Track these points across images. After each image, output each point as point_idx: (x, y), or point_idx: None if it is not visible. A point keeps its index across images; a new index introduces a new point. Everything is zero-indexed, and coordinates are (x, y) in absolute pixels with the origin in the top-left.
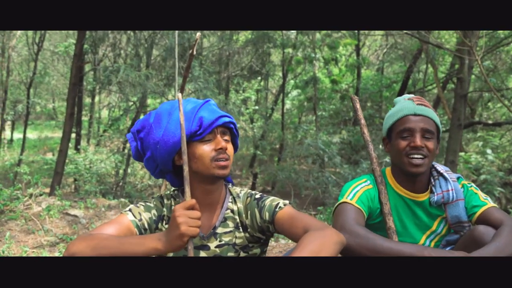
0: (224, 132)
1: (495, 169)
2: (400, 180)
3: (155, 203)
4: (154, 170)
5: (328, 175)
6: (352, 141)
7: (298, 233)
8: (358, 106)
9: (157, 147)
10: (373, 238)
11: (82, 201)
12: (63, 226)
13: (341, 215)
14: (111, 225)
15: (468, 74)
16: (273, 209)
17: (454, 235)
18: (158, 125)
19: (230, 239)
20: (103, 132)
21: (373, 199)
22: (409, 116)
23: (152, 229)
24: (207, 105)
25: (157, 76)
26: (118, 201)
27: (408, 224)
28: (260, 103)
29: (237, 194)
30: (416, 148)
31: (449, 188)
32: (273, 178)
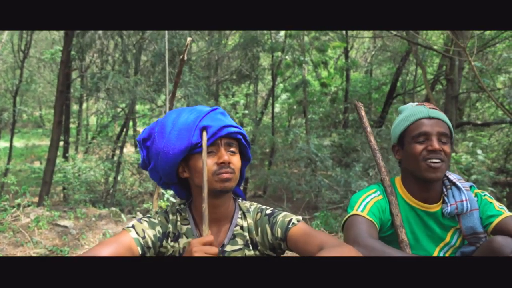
0: (230, 144)
1: (485, 169)
2: (411, 190)
3: (160, 218)
4: (158, 181)
5: (321, 178)
6: (343, 143)
7: (313, 251)
8: (363, 113)
9: (159, 158)
10: (389, 253)
11: (72, 211)
12: (52, 238)
13: (353, 228)
14: (111, 245)
15: (459, 75)
16: (285, 225)
17: (469, 246)
18: (161, 134)
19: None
20: (92, 140)
21: (384, 210)
22: (423, 119)
23: (156, 247)
24: (212, 114)
25: (146, 82)
26: (109, 210)
27: (421, 236)
28: (250, 107)
29: (247, 209)
30: (434, 152)
31: (463, 199)
32: (265, 183)
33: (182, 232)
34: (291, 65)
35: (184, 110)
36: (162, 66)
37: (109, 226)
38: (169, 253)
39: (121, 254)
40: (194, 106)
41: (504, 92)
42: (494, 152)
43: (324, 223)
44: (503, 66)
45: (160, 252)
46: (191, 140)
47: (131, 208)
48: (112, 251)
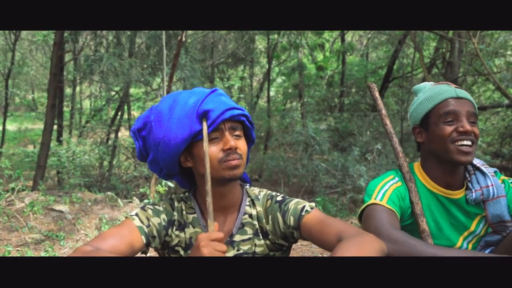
0: (234, 128)
1: (480, 153)
2: (433, 175)
3: (165, 206)
4: (159, 173)
5: (318, 162)
6: (339, 127)
7: (331, 241)
8: (377, 95)
9: (159, 149)
10: (415, 245)
11: (67, 195)
12: (48, 223)
13: (373, 218)
14: (115, 235)
15: (458, 58)
16: (298, 213)
17: (494, 235)
18: (158, 123)
19: (249, 247)
20: (86, 123)
21: (404, 198)
22: (451, 99)
23: (161, 236)
24: (212, 97)
25: (141, 65)
26: (104, 194)
27: (443, 225)
28: (245, 91)
29: (256, 196)
30: (465, 133)
31: (488, 184)
32: (261, 167)
33: (188, 221)
34: (287, 48)
35: (181, 94)
36: (157, 49)
37: (105, 211)
38: (174, 242)
39: (125, 244)
40: (192, 89)
41: (501, 75)
42: (490, 136)
43: (322, 207)
44: (499, 50)
45: (165, 241)
46: (193, 127)
47: (126, 192)
48: (116, 241)
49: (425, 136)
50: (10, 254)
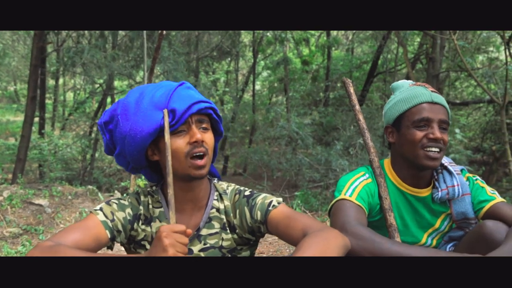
0: (201, 121)
1: (462, 147)
2: (401, 174)
3: (131, 200)
4: (127, 167)
5: (301, 157)
6: (324, 122)
7: (296, 235)
8: (352, 91)
9: (125, 142)
10: (379, 242)
11: (47, 189)
12: (26, 216)
13: (341, 214)
14: (78, 229)
15: (440, 54)
16: (265, 207)
17: (458, 231)
18: (125, 117)
19: (216, 241)
20: (69, 116)
21: (373, 194)
22: (425, 104)
23: (127, 230)
24: (180, 90)
25: (124, 57)
26: (85, 188)
27: (409, 221)
28: (230, 85)
29: (224, 191)
30: (435, 141)
31: (454, 184)
32: (245, 161)
33: (155, 215)
34: (272, 42)
35: (148, 88)
36: (140, 41)
37: (85, 205)
38: (140, 237)
39: (89, 239)
40: (159, 82)
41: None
42: (472, 131)
43: (304, 201)
44: (482, 46)
45: (131, 236)
46: (159, 121)
47: (109, 186)
48: (79, 236)
49: (396, 137)
50: None
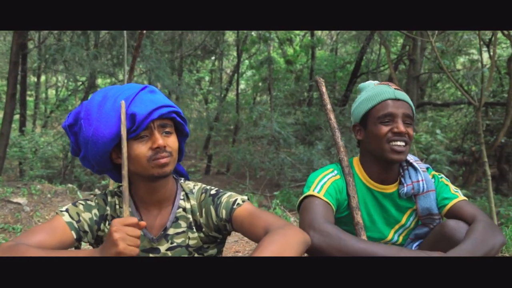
0: (164, 125)
1: (443, 148)
2: (369, 171)
3: (97, 201)
4: (92, 169)
5: (284, 156)
6: (307, 122)
7: (259, 233)
8: (324, 90)
9: (88, 147)
10: (345, 239)
11: (26, 187)
12: (4, 215)
13: (309, 211)
14: (42, 230)
15: (421, 55)
16: (230, 206)
17: (423, 228)
18: (87, 121)
19: (183, 240)
20: (50, 113)
21: (341, 191)
22: (389, 100)
23: (93, 231)
24: (142, 95)
25: (106, 55)
26: (65, 186)
27: (376, 218)
28: (214, 84)
29: (190, 190)
30: (399, 134)
31: (419, 179)
32: (228, 160)
33: (122, 216)
34: (256, 41)
35: (111, 91)
36: (123, 39)
37: (64, 203)
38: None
39: (53, 239)
40: (123, 85)
41: (464, 73)
42: (453, 132)
43: (286, 200)
44: (463, 48)
45: (98, 236)
46: (119, 126)
47: (91, 184)
48: (44, 236)
49: (363, 134)
50: None
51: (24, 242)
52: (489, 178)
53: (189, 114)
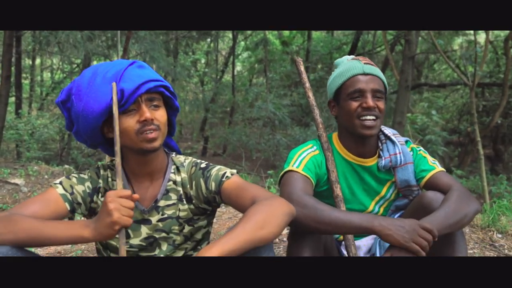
0: (151, 99)
1: (439, 129)
2: (347, 145)
3: (90, 174)
4: (86, 143)
5: (279, 137)
6: (302, 103)
7: (246, 204)
8: (302, 69)
9: (79, 122)
10: (321, 209)
11: (23, 168)
12: (2, 195)
13: (288, 185)
14: (37, 202)
15: (416, 36)
16: (219, 178)
17: (403, 199)
18: (78, 97)
19: (173, 212)
20: (46, 96)
21: (320, 165)
22: (358, 76)
23: (87, 203)
24: (130, 70)
25: (100, 37)
26: (62, 168)
27: (357, 190)
28: (210, 65)
29: (181, 163)
30: (368, 109)
31: (396, 152)
32: (224, 141)
33: (114, 188)
34: None
35: (100, 67)
36: None
37: None
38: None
39: (48, 211)
40: (112, 61)
41: (460, 53)
42: (449, 113)
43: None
44: None
45: (91, 208)
46: (108, 101)
47: (87, 165)
48: (38, 207)
49: (337, 110)
50: None
51: (18, 212)
52: (481, 157)
53: (185, 96)
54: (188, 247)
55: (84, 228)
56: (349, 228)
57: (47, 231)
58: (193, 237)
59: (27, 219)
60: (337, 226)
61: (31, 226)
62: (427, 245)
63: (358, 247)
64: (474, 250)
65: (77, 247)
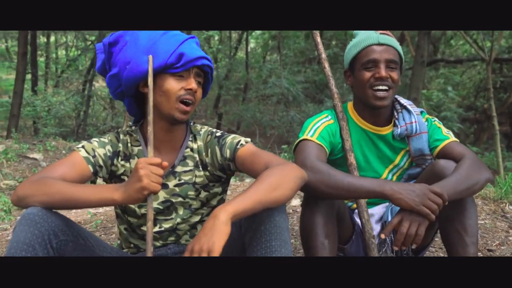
0: (199, 74)
1: (455, 106)
2: (363, 114)
3: (110, 138)
4: (115, 89)
5: (293, 114)
6: (316, 80)
7: (259, 170)
8: (318, 40)
9: (126, 68)
10: (334, 174)
11: (41, 143)
12: (22, 170)
13: (302, 152)
14: (63, 165)
15: None
16: (234, 146)
17: (416, 168)
18: (134, 45)
19: (190, 178)
20: (61, 73)
21: (335, 134)
22: (373, 46)
23: (108, 166)
24: (191, 41)
25: None
26: (79, 143)
27: (371, 158)
28: (224, 42)
29: (198, 132)
30: (381, 79)
31: (412, 121)
32: (238, 118)
33: (134, 153)
34: None
35: (160, 31)
36: None
37: None
38: (120, 172)
39: (74, 173)
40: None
41: None
42: (465, 90)
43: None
44: None
45: (112, 171)
46: (166, 61)
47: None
48: (65, 170)
49: (352, 80)
50: None
51: (48, 175)
52: (497, 133)
53: None
54: (204, 213)
55: (114, 192)
56: (360, 193)
57: (78, 194)
58: (209, 203)
59: (60, 182)
60: (349, 190)
61: (64, 189)
62: (437, 209)
63: (371, 215)
64: (486, 220)
65: (97, 218)
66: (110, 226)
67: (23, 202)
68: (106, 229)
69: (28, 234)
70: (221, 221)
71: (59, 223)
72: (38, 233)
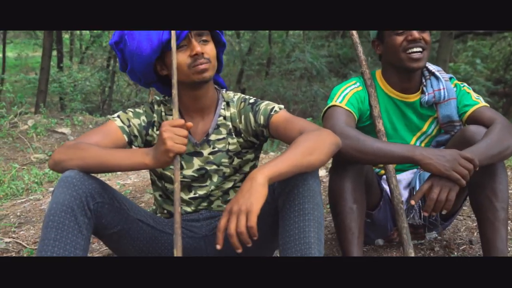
0: (200, 34)
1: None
2: (391, 82)
3: (145, 109)
4: (139, 82)
5: (317, 88)
6: (340, 54)
7: (294, 136)
8: None
9: (133, 60)
10: (363, 139)
11: (69, 118)
12: (51, 144)
13: (331, 118)
14: (99, 133)
15: None
16: (268, 112)
17: (444, 135)
18: (131, 36)
19: (223, 145)
20: (86, 50)
21: (363, 101)
22: None
23: (142, 136)
24: None
25: None
26: (105, 118)
27: (399, 126)
28: None
29: (231, 99)
30: (414, 41)
31: (440, 87)
32: (262, 93)
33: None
34: None
35: None
36: None
37: None
38: (155, 141)
39: (108, 141)
40: None
41: None
42: (495, 63)
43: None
44: None
45: (147, 141)
46: (161, 38)
47: None
48: (100, 138)
49: (381, 48)
50: (15, 171)
51: (84, 141)
52: None
53: None
54: (237, 179)
55: (145, 156)
56: (390, 158)
57: (112, 158)
58: (241, 170)
59: (94, 147)
60: (379, 155)
61: (98, 153)
62: (467, 174)
63: (399, 181)
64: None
65: (126, 188)
66: (138, 196)
67: (60, 166)
68: (135, 199)
69: (66, 196)
70: (259, 183)
71: (95, 186)
72: (76, 195)
